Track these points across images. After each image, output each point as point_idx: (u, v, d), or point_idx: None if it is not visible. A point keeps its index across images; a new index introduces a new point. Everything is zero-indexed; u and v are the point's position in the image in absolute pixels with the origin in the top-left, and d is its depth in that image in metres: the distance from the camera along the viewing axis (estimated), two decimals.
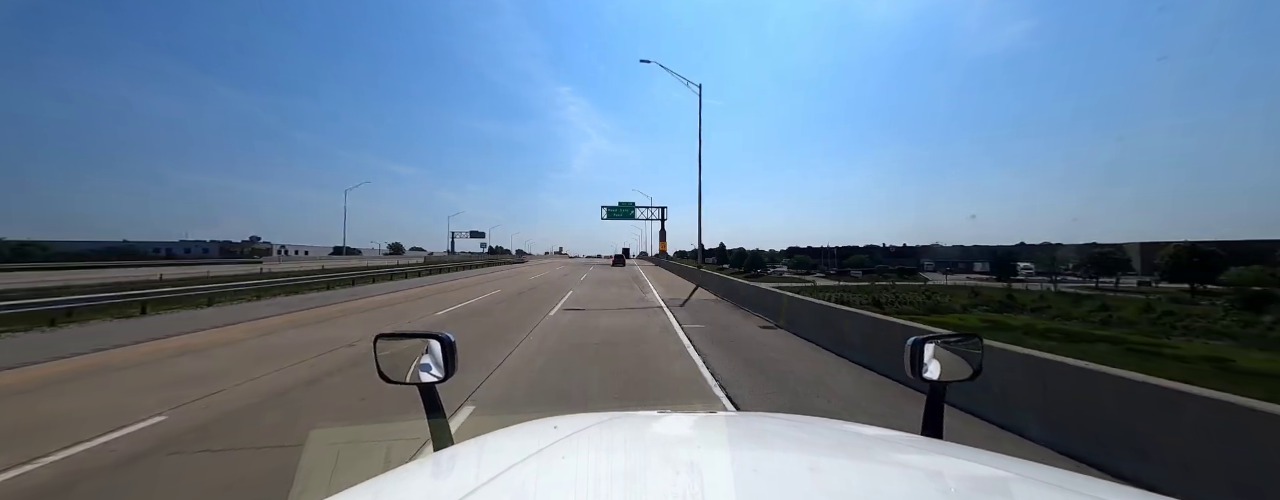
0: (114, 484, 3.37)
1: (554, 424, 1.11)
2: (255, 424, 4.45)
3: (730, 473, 0.80)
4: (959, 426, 4.37)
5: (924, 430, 1.24)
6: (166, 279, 17.14)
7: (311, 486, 3.14)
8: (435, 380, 1.26)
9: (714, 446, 0.99)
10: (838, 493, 0.71)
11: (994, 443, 4.08)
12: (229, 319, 11.41)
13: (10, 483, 3.38)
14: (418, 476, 0.88)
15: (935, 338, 1.34)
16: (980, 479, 0.82)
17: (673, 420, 1.22)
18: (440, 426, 1.21)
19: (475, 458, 0.96)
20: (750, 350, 7.84)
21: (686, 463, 0.84)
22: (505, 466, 0.81)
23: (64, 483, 3.37)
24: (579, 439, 1.00)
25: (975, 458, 0.91)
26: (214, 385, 5.63)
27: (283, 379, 5.94)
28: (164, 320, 11.43)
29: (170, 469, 3.58)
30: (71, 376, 6.23)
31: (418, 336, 1.32)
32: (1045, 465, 0.84)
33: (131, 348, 8.05)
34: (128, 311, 12.65)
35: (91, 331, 9.91)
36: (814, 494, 0.70)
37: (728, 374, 6.32)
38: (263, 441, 4.03)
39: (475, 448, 1.03)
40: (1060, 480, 0.76)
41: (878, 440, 1.08)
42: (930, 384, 1.29)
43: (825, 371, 6.52)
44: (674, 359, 7.24)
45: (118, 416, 4.58)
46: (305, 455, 3.64)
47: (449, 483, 0.80)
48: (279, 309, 13.40)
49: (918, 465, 0.90)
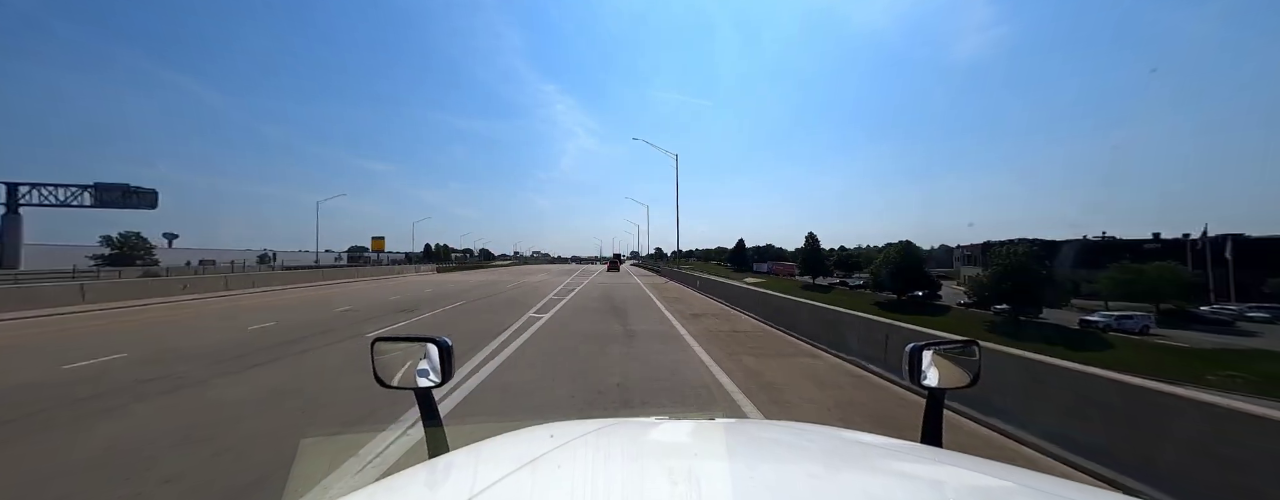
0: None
1: (550, 432, 1.09)
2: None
3: (728, 481, 0.79)
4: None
5: (923, 438, 1.23)
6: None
7: (305, 496, 3.10)
8: (432, 385, 1.25)
9: (711, 454, 0.98)
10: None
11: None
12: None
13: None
14: (412, 484, 0.86)
15: (933, 344, 1.34)
16: (980, 488, 0.81)
17: (670, 427, 1.21)
18: (436, 433, 1.19)
19: (471, 465, 0.95)
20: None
21: (684, 471, 0.83)
22: (501, 475, 0.80)
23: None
24: (575, 447, 0.99)
25: (975, 466, 0.90)
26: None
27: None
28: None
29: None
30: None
31: (415, 341, 1.31)
32: (1045, 475, 0.84)
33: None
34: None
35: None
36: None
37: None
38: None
39: (471, 455, 1.01)
40: (1060, 490, 0.76)
41: (877, 448, 1.07)
42: (929, 391, 1.29)
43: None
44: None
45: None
46: (297, 464, 3.59)
47: (444, 491, 0.79)
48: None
49: (917, 474, 0.90)
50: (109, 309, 14.32)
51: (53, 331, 10.22)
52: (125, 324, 11.43)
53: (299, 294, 20.76)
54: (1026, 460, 3.89)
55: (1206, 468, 2.97)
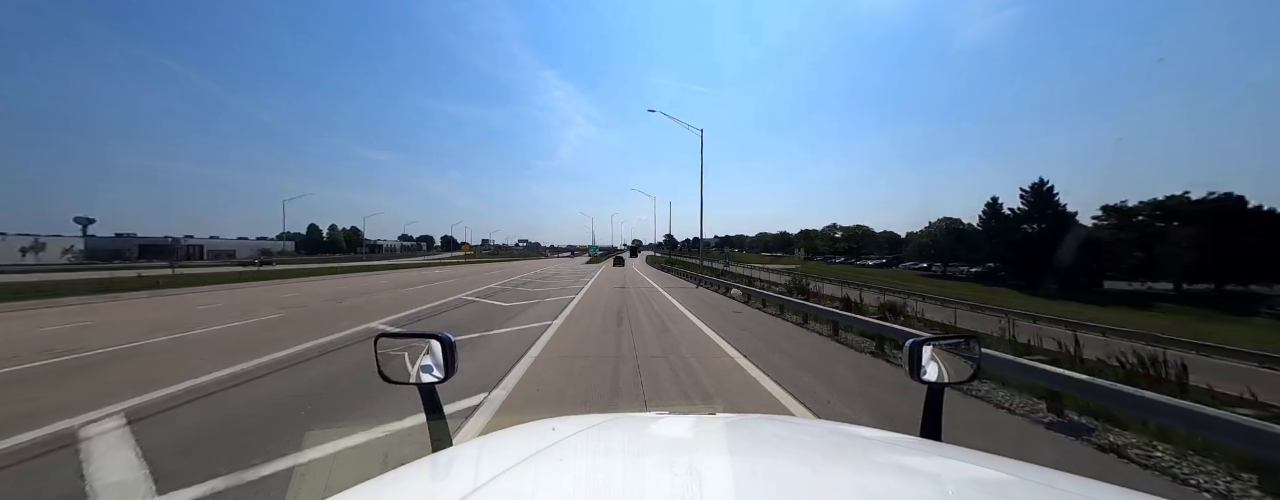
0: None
1: (552, 426, 1.11)
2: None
3: (729, 475, 0.80)
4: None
5: (923, 432, 1.24)
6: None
7: (308, 488, 3.13)
8: (435, 381, 1.26)
9: (713, 449, 0.99)
10: (837, 495, 0.71)
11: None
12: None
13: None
14: (416, 478, 0.88)
15: (933, 340, 1.35)
16: (980, 481, 0.82)
17: (671, 422, 1.22)
18: (439, 427, 1.20)
19: (474, 459, 0.96)
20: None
21: (685, 465, 0.84)
22: (503, 468, 0.81)
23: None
24: (577, 441, 1.00)
25: (975, 460, 0.91)
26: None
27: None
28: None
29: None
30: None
31: (418, 336, 1.33)
32: (1046, 467, 0.85)
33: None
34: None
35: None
36: (813, 496, 0.70)
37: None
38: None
39: (474, 449, 1.03)
40: (1060, 482, 0.77)
41: (877, 442, 1.08)
42: (929, 386, 1.30)
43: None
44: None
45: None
46: (302, 457, 3.62)
47: (447, 484, 0.80)
48: None
49: (917, 467, 0.91)
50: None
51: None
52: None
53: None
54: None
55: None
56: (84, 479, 3.19)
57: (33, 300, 15.42)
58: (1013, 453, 0.96)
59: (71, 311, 12.84)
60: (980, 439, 4.59)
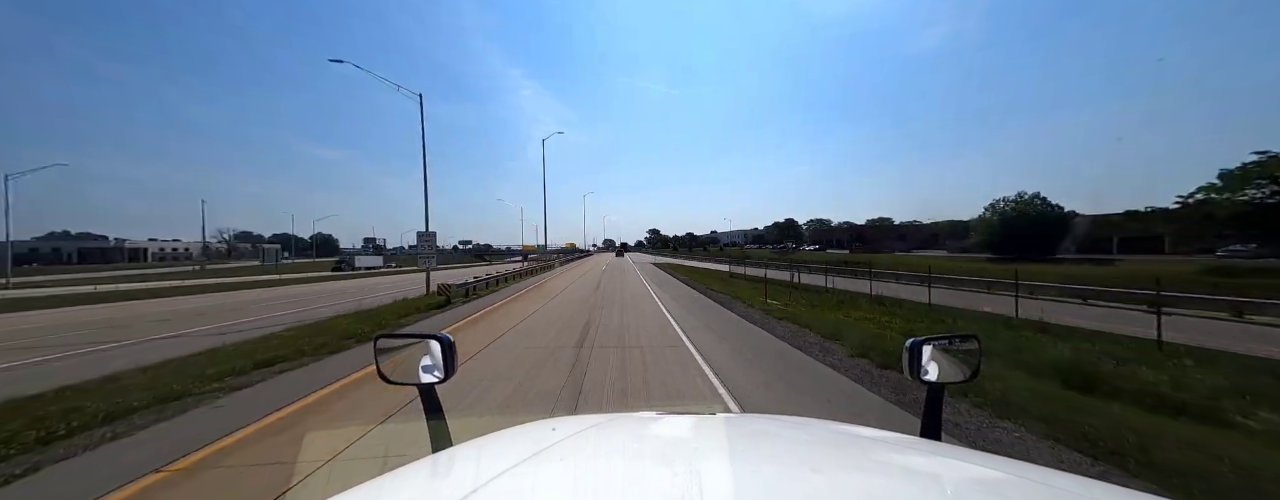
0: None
1: (552, 426, 1.11)
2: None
3: (729, 475, 0.80)
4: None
5: (923, 432, 1.24)
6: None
7: (309, 487, 3.13)
8: (435, 381, 1.26)
9: (713, 449, 0.99)
10: (837, 495, 0.71)
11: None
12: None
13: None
14: (416, 478, 0.87)
15: (933, 340, 1.34)
16: (980, 481, 0.82)
17: (671, 422, 1.21)
18: (439, 428, 1.20)
19: (474, 460, 0.96)
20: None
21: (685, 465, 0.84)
22: (503, 469, 0.81)
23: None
24: (577, 441, 1.00)
25: (974, 460, 0.91)
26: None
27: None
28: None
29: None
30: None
31: (418, 337, 1.32)
32: (1045, 467, 0.85)
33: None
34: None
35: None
36: (813, 496, 0.70)
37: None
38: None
39: (474, 449, 1.03)
40: (1059, 482, 0.76)
41: (877, 442, 1.08)
42: (928, 385, 1.30)
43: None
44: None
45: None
46: (301, 457, 3.62)
47: (447, 484, 0.80)
48: None
49: (917, 467, 0.90)
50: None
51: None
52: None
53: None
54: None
55: None
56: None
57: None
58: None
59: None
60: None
